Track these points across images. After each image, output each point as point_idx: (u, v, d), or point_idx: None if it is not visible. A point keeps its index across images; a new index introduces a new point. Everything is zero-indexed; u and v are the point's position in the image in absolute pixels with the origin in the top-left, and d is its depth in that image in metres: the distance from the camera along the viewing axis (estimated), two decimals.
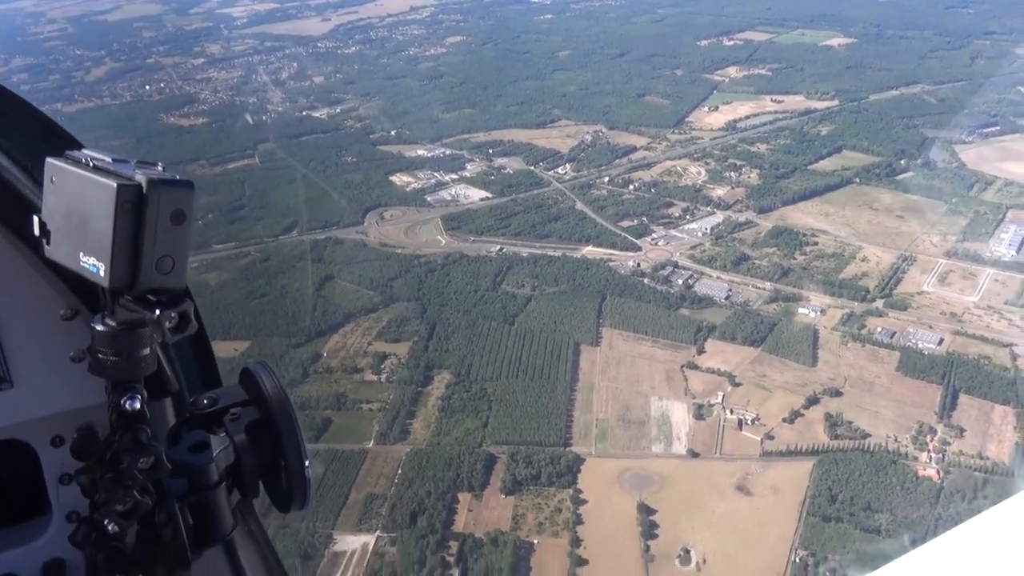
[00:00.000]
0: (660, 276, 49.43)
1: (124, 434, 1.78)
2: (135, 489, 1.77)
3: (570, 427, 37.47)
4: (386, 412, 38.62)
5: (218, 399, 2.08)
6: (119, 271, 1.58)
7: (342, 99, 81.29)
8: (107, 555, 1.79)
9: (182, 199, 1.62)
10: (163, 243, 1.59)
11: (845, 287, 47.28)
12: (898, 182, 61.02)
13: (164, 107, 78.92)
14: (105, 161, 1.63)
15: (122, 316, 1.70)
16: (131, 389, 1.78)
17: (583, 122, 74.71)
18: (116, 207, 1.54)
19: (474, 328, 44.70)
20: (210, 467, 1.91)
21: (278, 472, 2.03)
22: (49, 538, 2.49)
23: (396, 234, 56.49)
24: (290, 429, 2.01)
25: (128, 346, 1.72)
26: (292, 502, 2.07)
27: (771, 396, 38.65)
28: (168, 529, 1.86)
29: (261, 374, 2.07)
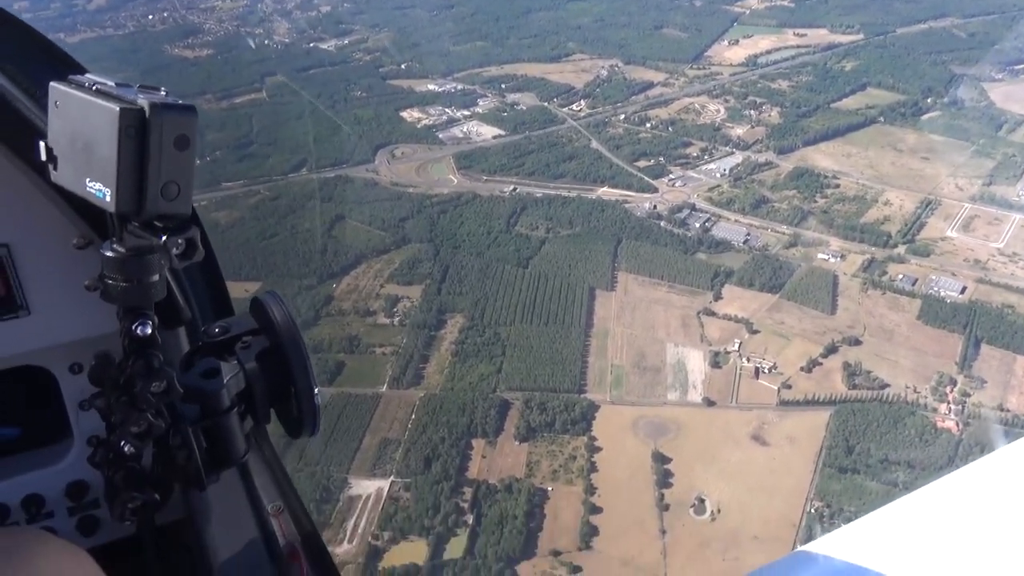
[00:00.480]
0: (677, 219, 48.41)
1: (136, 359, 1.81)
2: (148, 412, 1.81)
3: (585, 374, 37.15)
4: (399, 356, 38.33)
5: (229, 328, 2.07)
6: (125, 196, 1.57)
7: (350, 30, 78.77)
8: (125, 475, 1.85)
9: (186, 124, 1.60)
10: (168, 168, 1.58)
11: (866, 232, 46.22)
12: (923, 122, 59.07)
13: (168, 38, 76.73)
14: (108, 85, 1.61)
15: (130, 242, 1.70)
16: (142, 315, 1.80)
17: (598, 56, 72.36)
18: (120, 131, 1.53)
19: (487, 271, 44.06)
20: (221, 392, 1.93)
21: (288, 399, 2.04)
22: (71, 461, 2.58)
23: (407, 173, 55.34)
24: (299, 357, 2.01)
25: (137, 272, 1.73)
26: (303, 428, 2.06)
27: (789, 344, 38.12)
28: (183, 451, 1.88)
29: (270, 303, 2.07)
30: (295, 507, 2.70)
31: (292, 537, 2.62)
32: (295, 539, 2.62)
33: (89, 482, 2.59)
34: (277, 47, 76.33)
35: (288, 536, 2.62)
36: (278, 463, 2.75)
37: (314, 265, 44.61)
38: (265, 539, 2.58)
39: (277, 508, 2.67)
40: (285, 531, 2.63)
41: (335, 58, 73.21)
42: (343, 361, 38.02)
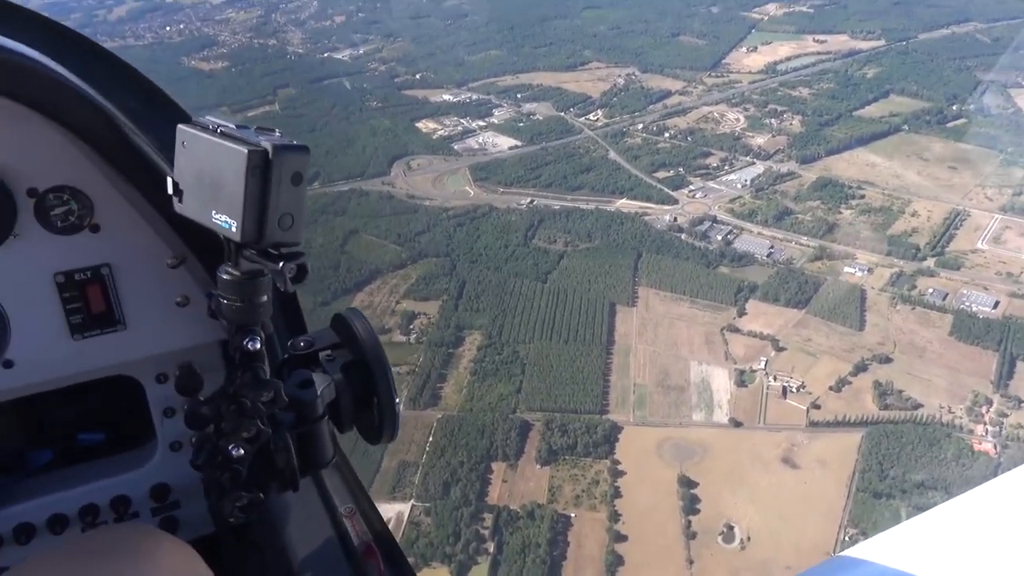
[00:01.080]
0: (698, 231, 47.41)
1: (245, 371, 1.95)
2: (258, 419, 1.94)
3: (607, 393, 36.21)
4: (416, 375, 37.52)
5: (314, 341, 2.19)
6: (249, 227, 1.70)
7: (365, 40, 78.42)
8: (231, 476, 1.98)
9: (300, 162, 1.73)
10: (285, 202, 1.71)
11: (894, 244, 45.04)
12: (949, 130, 57.79)
13: (184, 49, 76.62)
14: (230, 127, 1.76)
15: (245, 266, 1.83)
16: (252, 331, 1.94)
17: (615, 64, 71.52)
18: (247, 170, 1.66)
19: (505, 286, 43.22)
20: (316, 401, 2.06)
21: (370, 408, 2.15)
22: (155, 464, 2.71)
23: (423, 185, 54.66)
24: (382, 369, 2.14)
25: (250, 293, 1.87)
26: (382, 435, 2.17)
27: (817, 362, 37.03)
28: (282, 455, 2.02)
29: (353, 319, 2.19)
30: (366, 508, 2.78)
31: (365, 537, 2.69)
32: (369, 539, 2.68)
33: (171, 484, 2.74)
34: (291, 58, 76.10)
35: (361, 536, 2.69)
36: (348, 467, 2.86)
37: (328, 281, 43.89)
38: (340, 539, 2.68)
39: (350, 510, 2.75)
40: (359, 531, 2.70)
41: (350, 68, 72.75)
42: None
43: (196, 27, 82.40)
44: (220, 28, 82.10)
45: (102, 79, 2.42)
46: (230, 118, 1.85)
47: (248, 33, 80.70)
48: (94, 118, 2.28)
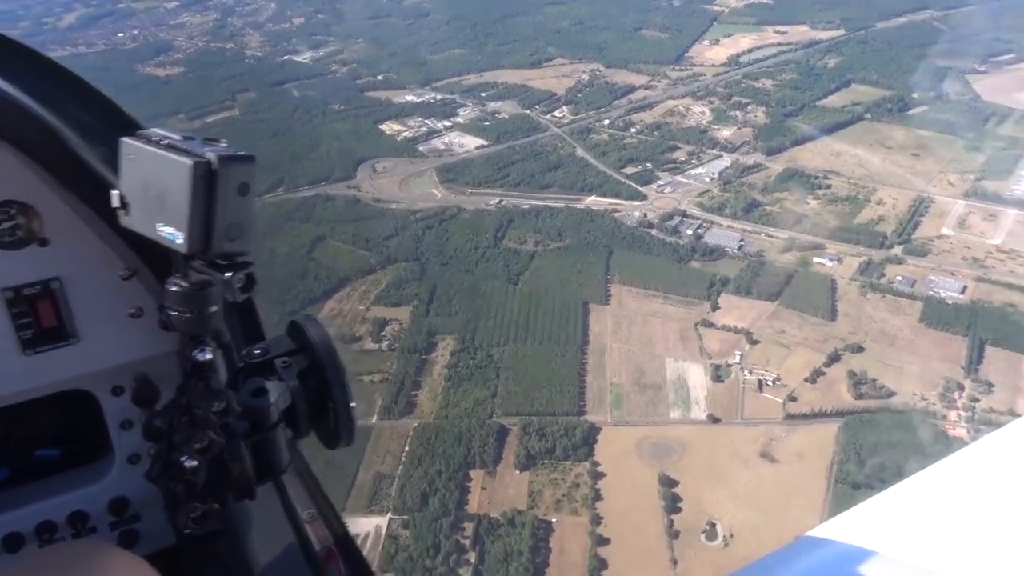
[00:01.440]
0: (668, 227, 47.31)
1: (197, 382, 1.94)
2: (210, 429, 1.92)
3: (583, 394, 35.89)
4: (390, 384, 36.90)
5: (269, 349, 2.17)
6: (195, 238, 1.71)
7: (325, 41, 77.29)
8: (185, 487, 1.96)
9: (246, 172, 1.74)
10: (232, 212, 1.72)
11: (862, 233, 45.36)
12: (911, 117, 58.46)
13: (139, 56, 74.80)
14: (176, 139, 1.76)
15: (194, 278, 1.83)
16: (202, 342, 1.93)
17: (579, 60, 71.30)
18: (192, 182, 1.67)
19: (477, 289, 42.73)
20: (270, 409, 2.04)
21: (327, 413, 2.16)
22: (113, 478, 2.69)
23: (390, 188, 53.92)
24: (338, 375, 2.13)
25: (199, 304, 1.86)
26: (339, 439, 2.18)
27: (791, 354, 37.07)
28: (236, 464, 2.01)
29: (308, 325, 2.19)
30: (328, 513, 2.76)
31: (327, 541, 2.68)
32: (330, 543, 2.67)
33: (129, 497, 2.70)
34: (250, 61, 74.70)
35: (323, 540, 2.68)
36: (309, 472, 2.82)
37: (296, 290, 43.01)
38: (302, 544, 2.65)
39: (311, 515, 2.72)
40: (320, 536, 2.68)
41: (311, 71, 71.59)
42: None
43: (150, 32, 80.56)
44: (175, 33, 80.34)
45: (48, 92, 2.40)
46: (183, 127, 1.98)
47: (204, 37, 79.07)
48: (39, 132, 2.28)
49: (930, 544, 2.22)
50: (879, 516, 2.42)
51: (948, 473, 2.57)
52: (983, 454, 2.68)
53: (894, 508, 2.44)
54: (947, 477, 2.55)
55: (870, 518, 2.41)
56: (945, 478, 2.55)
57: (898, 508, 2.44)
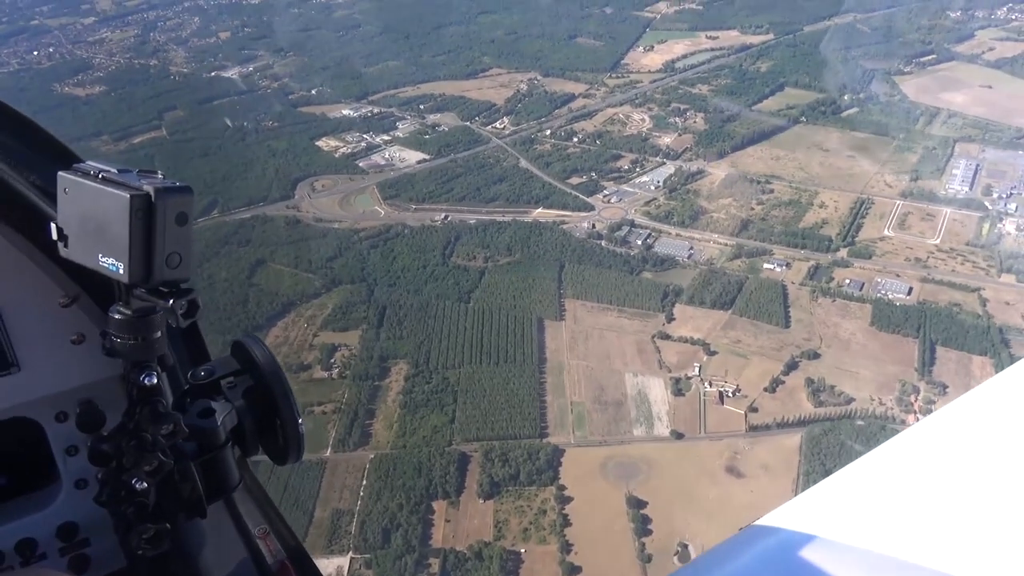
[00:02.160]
0: (617, 237, 46.96)
1: (144, 406, 1.97)
2: (158, 452, 1.95)
3: (544, 415, 35.07)
4: (342, 414, 35.44)
5: (214, 370, 2.21)
6: (136, 268, 1.75)
7: (253, 56, 74.85)
8: (136, 509, 1.98)
9: (184, 203, 1.79)
10: (171, 242, 1.76)
11: (807, 237, 45.82)
12: (844, 120, 59.70)
13: (56, 75, 71.14)
14: (112, 172, 1.79)
15: (136, 305, 1.87)
16: (147, 367, 1.97)
17: (516, 70, 70.71)
18: (130, 214, 1.71)
19: (427, 309, 41.53)
20: (217, 429, 2.08)
21: (275, 431, 2.17)
22: (60, 503, 2.68)
23: (331, 206, 52.26)
24: (283, 392, 2.15)
25: (143, 330, 1.90)
26: (288, 456, 2.18)
27: (748, 364, 36.99)
28: (186, 484, 2.05)
29: (252, 345, 2.21)
30: (280, 528, 2.74)
31: (280, 556, 2.66)
32: (283, 557, 2.65)
33: (78, 522, 2.69)
34: (175, 78, 71.78)
35: (276, 555, 2.66)
36: (260, 489, 2.79)
37: (238, 318, 41.05)
38: (255, 560, 2.63)
39: (263, 531, 2.70)
40: (273, 551, 2.67)
41: (240, 87, 69.19)
42: None
43: (67, 50, 76.69)
44: (94, 50, 76.68)
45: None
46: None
47: (126, 54, 75.66)
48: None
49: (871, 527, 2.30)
50: (821, 504, 2.49)
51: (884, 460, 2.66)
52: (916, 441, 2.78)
53: (834, 496, 2.52)
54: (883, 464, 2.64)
55: (812, 506, 2.48)
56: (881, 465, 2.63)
57: (838, 496, 2.52)
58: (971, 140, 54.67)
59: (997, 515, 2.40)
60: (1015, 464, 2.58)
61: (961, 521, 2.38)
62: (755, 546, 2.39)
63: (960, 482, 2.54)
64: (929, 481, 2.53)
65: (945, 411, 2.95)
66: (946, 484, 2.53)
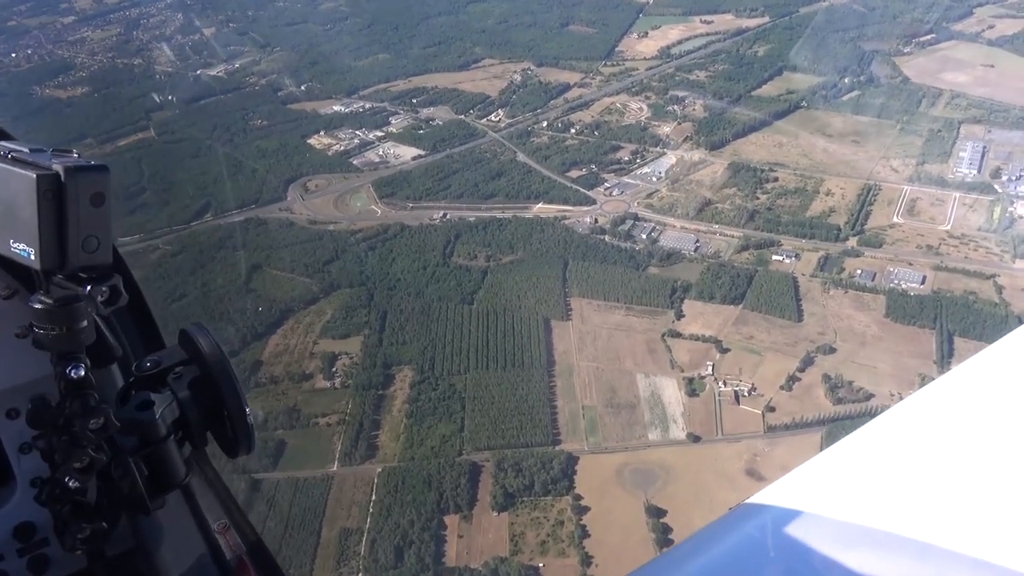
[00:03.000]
0: (621, 232, 45.84)
1: (73, 400, 1.89)
2: (89, 448, 1.88)
3: (555, 420, 34.06)
4: (347, 425, 34.34)
5: (160, 361, 2.13)
6: (48, 253, 1.67)
7: (240, 52, 73.12)
8: (72, 508, 1.93)
9: (99, 182, 1.69)
10: (86, 225, 1.68)
11: (815, 227, 44.79)
12: (846, 103, 58.56)
13: (36, 77, 69.26)
14: (23, 152, 1.70)
15: (57, 293, 1.79)
16: (74, 359, 1.89)
17: (508, 60, 69.31)
18: (38, 196, 1.63)
19: (430, 312, 40.40)
20: (156, 422, 1.99)
21: (223, 422, 2.09)
22: (16, 503, 2.60)
23: (325, 207, 50.94)
24: (228, 382, 2.07)
25: (66, 320, 1.82)
26: (239, 448, 2.11)
27: (762, 360, 36.04)
28: (125, 481, 1.97)
29: (197, 334, 2.13)
30: (240, 522, 2.70)
31: (239, 550, 2.59)
32: (242, 552, 2.58)
33: (36, 522, 2.60)
34: (160, 78, 70.03)
35: (235, 550, 2.59)
36: (220, 482, 2.73)
37: (236, 326, 39.83)
38: (214, 556, 2.58)
39: (223, 525, 2.65)
40: (232, 546, 2.60)
41: (227, 84, 67.43)
42: (283, 439, 33.71)
43: (47, 51, 74.71)
44: (75, 50, 74.71)
45: None
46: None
47: (108, 53, 73.73)
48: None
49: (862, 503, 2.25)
50: (809, 482, 2.53)
51: (872, 437, 2.65)
52: (905, 416, 2.74)
53: (823, 473, 2.55)
54: (871, 440, 2.63)
55: (801, 485, 2.52)
56: (869, 441, 2.63)
57: (827, 472, 2.56)
58: (976, 121, 53.65)
59: (990, 489, 2.35)
60: (1006, 437, 2.54)
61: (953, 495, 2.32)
62: (746, 524, 2.30)
63: (951, 456, 2.50)
64: (920, 456, 2.49)
65: (935, 385, 2.90)
66: (937, 459, 2.48)
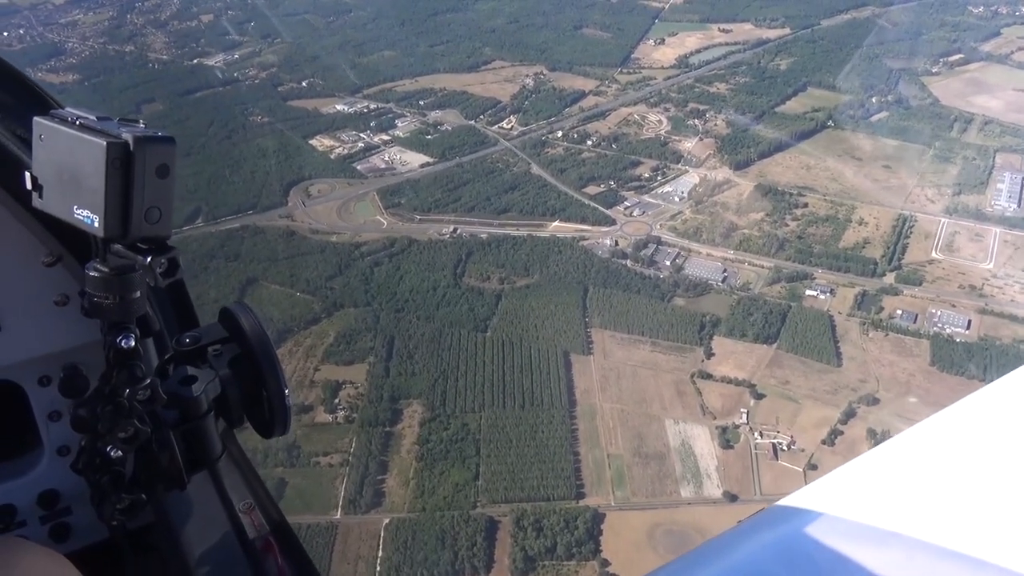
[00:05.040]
0: (644, 257, 43.14)
1: (121, 370, 1.87)
2: (135, 418, 1.87)
3: (579, 470, 31.35)
4: (351, 467, 31.54)
5: (200, 337, 2.12)
6: (112, 222, 1.65)
7: (238, 42, 69.79)
8: (112, 478, 1.92)
9: (166, 154, 1.69)
10: (150, 195, 1.66)
11: (850, 260, 42.28)
12: (874, 124, 56.14)
13: (27, 60, 65.09)
14: (91, 119, 1.68)
15: (114, 262, 1.77)
16: (125, 329, 1.86)
17: (520, 62, 66.40)
18: (107, 163, 1.61)
19: (441, 340, 37.58)
20: (199, 398, 1.99)
21: (260, 402, 2.08)
22: (42, 471, 2.58)
23: (327, 216, 47.92)
24: (270, 362, 2.06)
25: (121, 289, 1.80)
26: (274, 429, 2.10)
27: (801, 409, 33.47)
28: (165, 454, 1.98)
29: (239, 313, 2.11)
30: (265, 502, 2.64)
31: (264, 531, 2.55)
32: (267, 533, 2.54)
33: (60, 490, 2.59)
34: (154, 66, 66.59)
35: (260, 530, 2.55)
36: (246, 462, 2.68)
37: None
38: (238, 535, 2.55)
39: (248, 505, 2.60)
40: (257, 526, 2.56)
41: (225, 77, 64.17)
42: (283, 478, 30.76)
43: (38, 32, 71.16)
44: (67, 33, 71.14)
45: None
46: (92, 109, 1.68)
47: (100, 38, 70.20)
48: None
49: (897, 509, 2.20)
50: (846, 485, 2.39)
51: (914, 441, 2.53)
52: (952, 421, 2.62)
53: (861, 477, 2.41)
54: (913, 444, 2.51)
55: (838, 487, 2.38)
56: (911, 445, 2.51)
57: (865, 476, 2.40)
58: (1012, 150, 51.33)
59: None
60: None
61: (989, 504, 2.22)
62: (771, 528, 2.25)
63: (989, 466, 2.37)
64: (958, 464, 2.36)
65: (973, 397, 2.75)
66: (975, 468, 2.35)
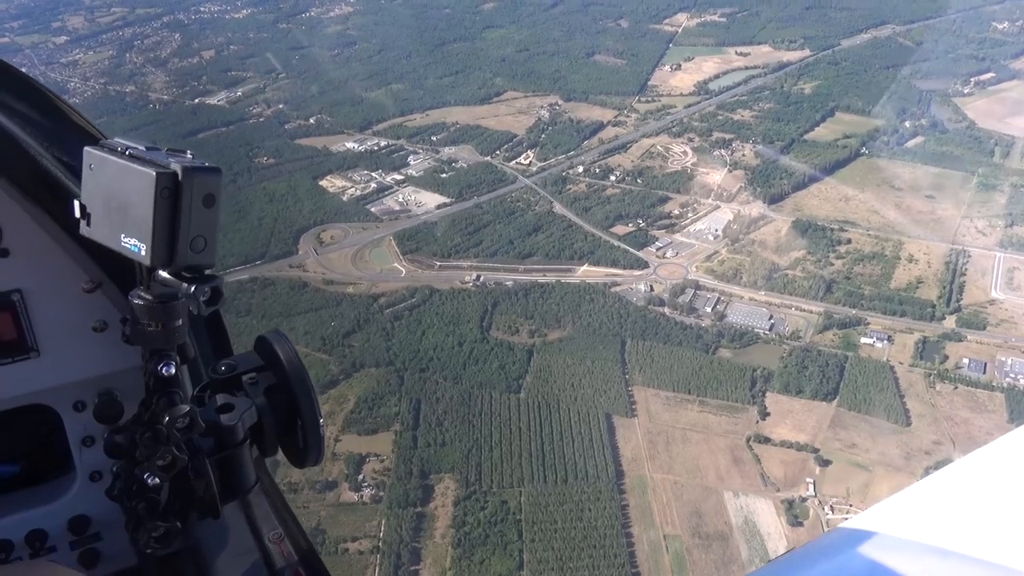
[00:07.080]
0: (682, 304, 40.32)
1: (161, 397, 1.88)
2: (173, 446, 1.86)
3: (633, 555, 28.36)
4: (383, 554, 28.60)
5: (236, 365, 2.12)
6: (159, 251, 1.67)
7: (242, 78, 67.65)
8: (147, 505, 1.90)
9: (212, 184, 1.70)
10: (196, 224, 1.68)
11: (904, 302, 39.47)
12: (911, 151, 53.55)
13: None
14: (139, 150, 1.71)
15: (158, 291, 1.78)
16: (166, 356, 1.88)
17: (533, 92, 64.09)
18: (156, 193, 1.63)
19: (471, 403, 34.74)
20: (236, 426, 1.98)
21: (295, 431, 2.07)
22: (73, 496, 2.60)
23: (342, 264, 45.23)
24: (305, 392, 2.06)
25: (164, 317, 1.81)
26: (307, 458, 2.09)
27: (872, 478, 30.50)
28: (201, 482, 1.95)
29: (275, 341, 2.12)
30: (294, 532, 2.64)
31: (293, 562, 2.55)
32: (296, 564, 2.55)
33: (91, 516, 2.61)
34: (155, 107, 64.29)
35: (289, 560, 2.55)
36: (277, 491, 2.70)
37: None
38: (267, 565, 2.54)
39: (278, 535, 2.60)
40: (286, 556, 2.55)
41: (228, 115, 61.76)
42: None
43: (40, 72, 68.67)
44: (68, 73, 69.04)
45: (8, 101, 2.31)
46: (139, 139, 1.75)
47: (101, 79, 68.01)
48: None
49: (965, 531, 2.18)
50: (915, 505, 2.36)
51: (985, 462, 2.46)
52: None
53: (930, 497, 2.39)
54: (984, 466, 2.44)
55: (906, 508, 2.36)
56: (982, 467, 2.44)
57: (935, 497, 2.38)
58: None
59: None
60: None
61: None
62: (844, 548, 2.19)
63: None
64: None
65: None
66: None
